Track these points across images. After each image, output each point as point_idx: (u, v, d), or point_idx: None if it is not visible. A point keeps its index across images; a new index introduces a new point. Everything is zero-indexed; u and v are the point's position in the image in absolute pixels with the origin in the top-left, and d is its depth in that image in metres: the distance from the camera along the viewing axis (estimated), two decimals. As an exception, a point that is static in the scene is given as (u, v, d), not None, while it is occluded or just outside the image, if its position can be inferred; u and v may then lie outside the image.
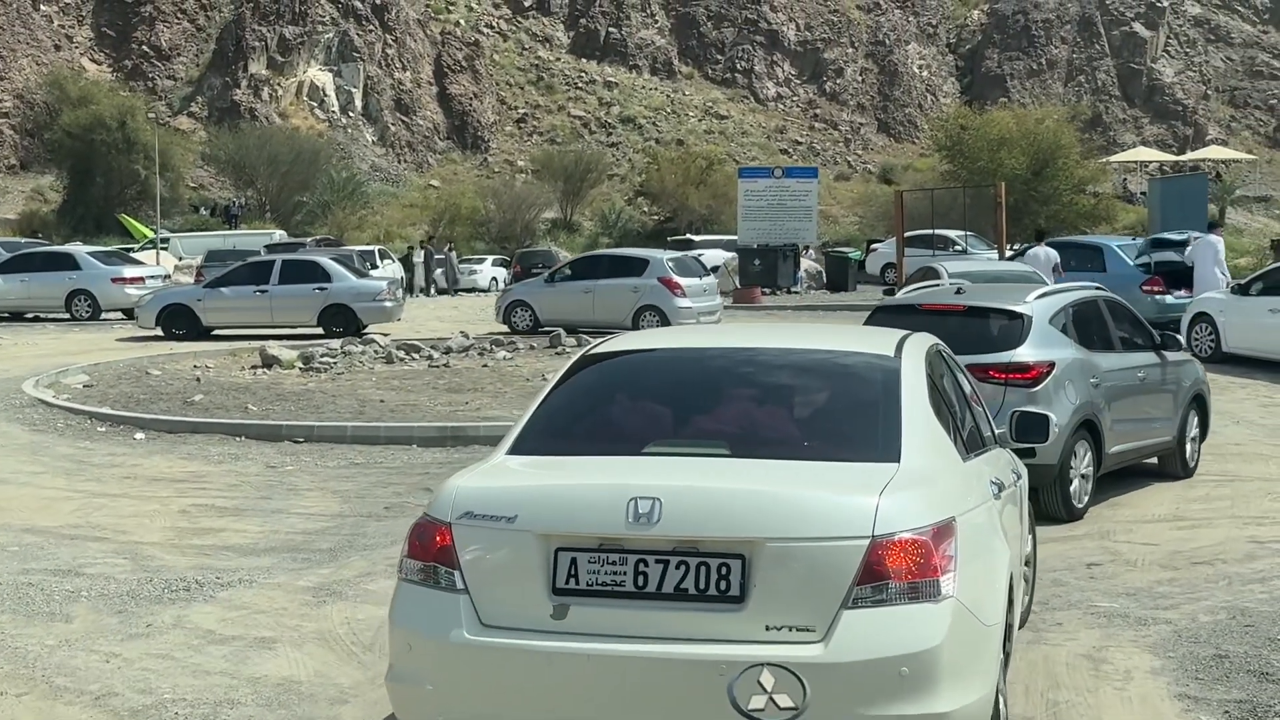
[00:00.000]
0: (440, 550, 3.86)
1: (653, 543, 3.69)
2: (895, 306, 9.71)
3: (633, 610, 3.68)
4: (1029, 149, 36.31)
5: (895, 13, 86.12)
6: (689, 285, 21.01)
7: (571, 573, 3.74)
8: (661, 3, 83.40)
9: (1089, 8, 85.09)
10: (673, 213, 57.98)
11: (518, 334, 20.67)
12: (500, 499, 3.89)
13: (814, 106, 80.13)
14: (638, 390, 4.66)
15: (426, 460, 10.58)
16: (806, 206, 30.18)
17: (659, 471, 3.97)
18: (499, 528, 3.80)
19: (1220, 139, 78.47)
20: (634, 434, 4.35)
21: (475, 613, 3.79)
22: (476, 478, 4.13)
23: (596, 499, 3.81)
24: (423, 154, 69.33)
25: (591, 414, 4.60)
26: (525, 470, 4.19)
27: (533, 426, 4.45)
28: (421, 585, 3.90)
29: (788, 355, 4.75)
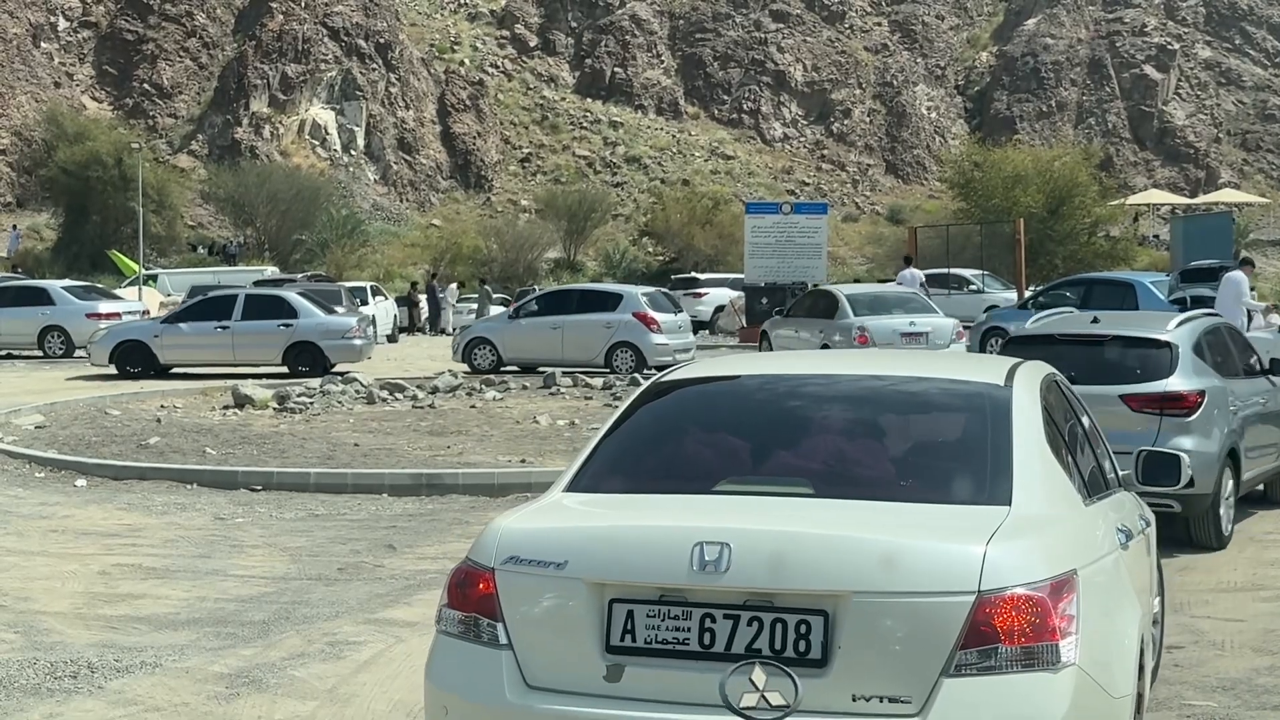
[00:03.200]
0: (482, 599, 3.41)
1: (721, 595, 3.21)
2: (1030, 337, 9.17)
3: (697, 673, 3.18)
4: (1044, 187, 35.29)
5: (903, 54, 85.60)
6: (664, 321, 19.87)
7: (627, 628, 3.27)
8: (667, 43, 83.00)
9: (1099, 50, 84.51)
10: (678, 253, 57.33)
11: (479, 373, 19.42)
12: (549, 542, 3.41)
13: (821, 147, 79.44)
14: (712, 421, 4.14)
15: (395, 512, 9.40)
16: (816, 244, 29.04)
17: (730, 513, 3.49)
18: (547, 574, 3.34)
19: (1233, 182, 77.70)
20: (705, 470, 3.85)
21: (519, 672, 3.34)
22: (524, 518, 3.64)
23: (657, 543, 3.33)
24: (425, 193, 68.56)
25: (659, 448, 4.08)
26: (580, 510, 3.70)
27: (594, 461, 3.91)
28: (461, 639, 3.45)
29: (882, 384, 4.21)
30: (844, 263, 56.35)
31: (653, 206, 62.68)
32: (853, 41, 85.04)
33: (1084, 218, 36.24)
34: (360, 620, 6.36)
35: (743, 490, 3.68)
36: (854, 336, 18.37)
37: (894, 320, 19.00)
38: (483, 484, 10.20)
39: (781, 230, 29.00)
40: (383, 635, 6.10)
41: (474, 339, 20.68)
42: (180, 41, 69.17)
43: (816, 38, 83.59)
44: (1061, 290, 20.50)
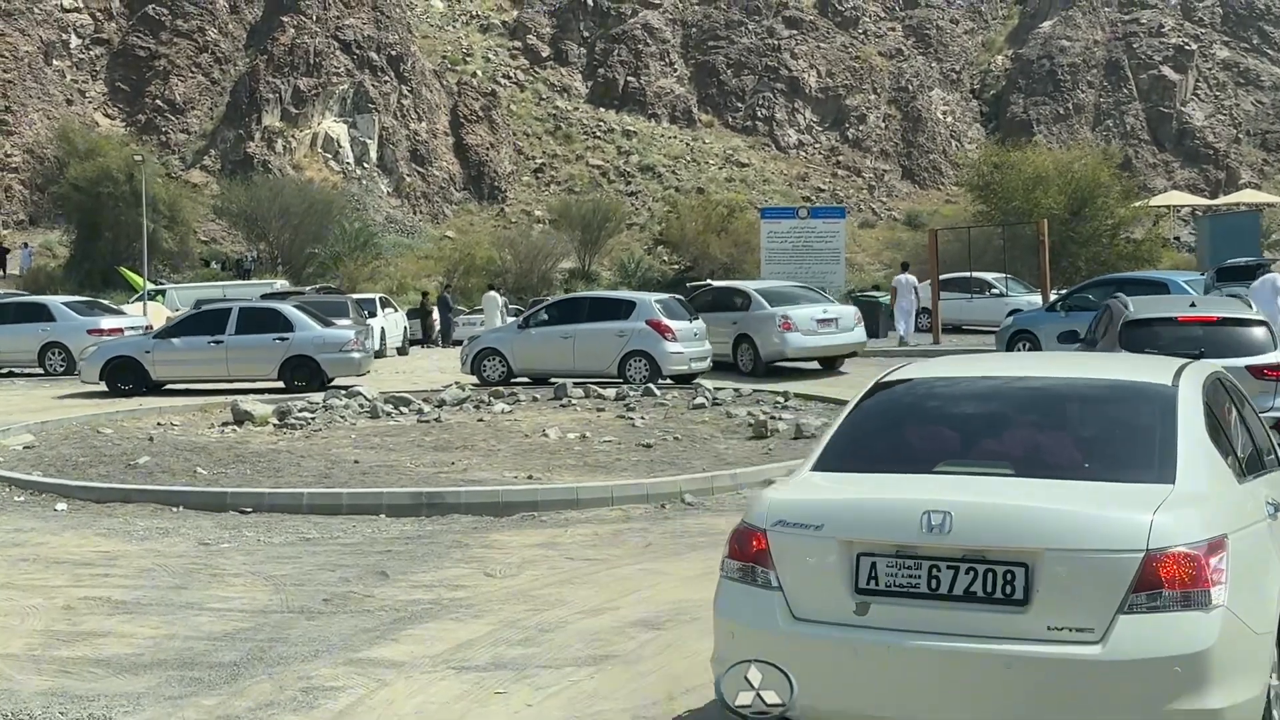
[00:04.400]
0: (758, 553, 4.34)
1: (944, 551, 4.09)
2: (1149, 320, 10.49)
3: (926, 609, 4.09)
4: (1065, 188, 34.52)
5: (918, 59, 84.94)
6: (679, 329, 19.11)
7: (871, 575, 4.17)
8: (680, 51, 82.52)
9: (1115, 51, 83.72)
10: (693, 261, 56.69)
11: (488, 385, 18.65)
12: (808, 510, 4.34)
13: (836, 153, 78.80)
14: (927, 414, 4.97)
15: (392, 534, 8.80)
16: (834, 248, 28.42)
17: (949, 488, 4.32)
18: (808, 535, 4.25)
19: (1254, 183, 76.74)
20: (925, 454, 4.70)
21: (788, 607, 4.25)
22: (788, 491, 4.56)
23: (894, 511, 4.23)
24: (438, 205, 68.16)
25: (885, 435, 4.91)
26: (828, 484, 4.58)
27: (833, 446, 4.77)
28: (740, 582, 4.38)
29: (1070, 384, 5.09)
30: (861, 269, 55.67)
31: (667, 215, 62.02)
32: (867, 47, 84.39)
33: (1106, 219, 35.46)
34: (341, 661, 5.76)
35: (958, 471, 4.49)
36: (779, 324, 19.90)
37: (809, 309, 20.71)
38: (486, 503, 9.60)
39: (799, 235, 28.38)
40: (364, 678, 5.50)
41: (482, 350, 19.97)
42: (192, 57, 68.95)
43: (830, 44, 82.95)
44: (1087, 292, 19.82)
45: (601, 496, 9.78)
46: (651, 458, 11.73)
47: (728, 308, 21.12)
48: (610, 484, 10.09)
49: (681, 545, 8.32)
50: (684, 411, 14.89)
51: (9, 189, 60.30)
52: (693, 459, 11.60)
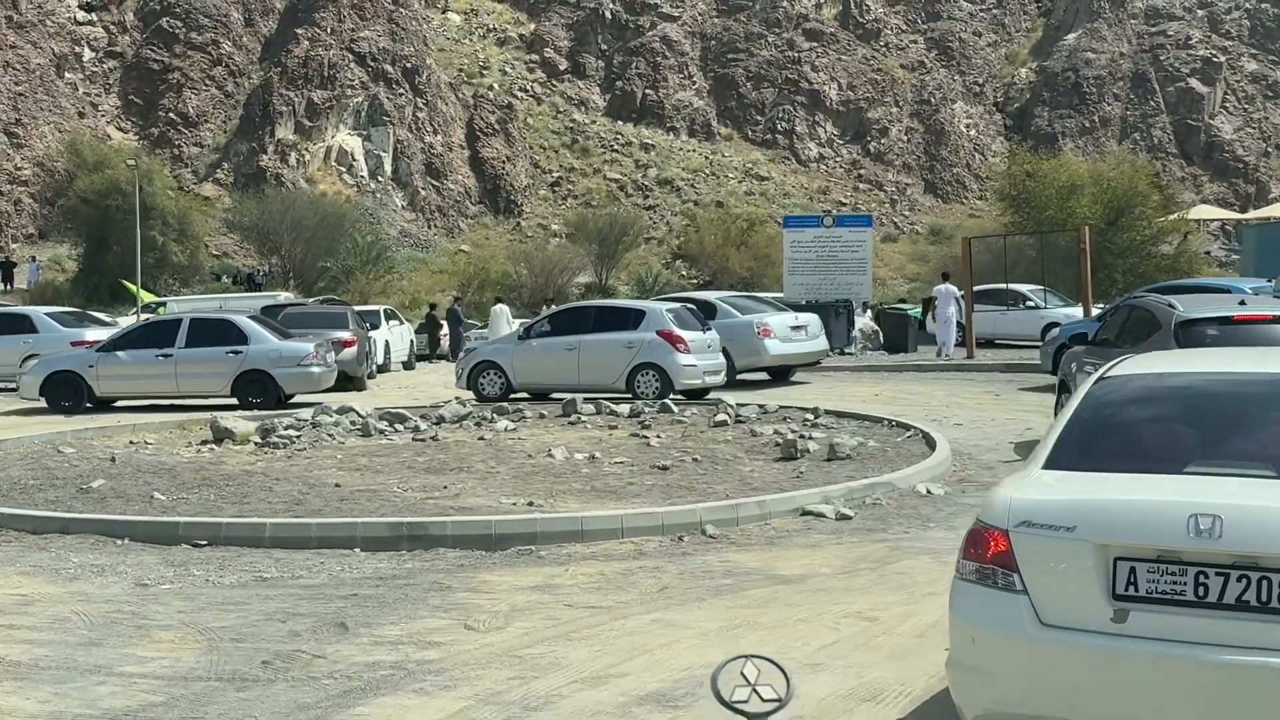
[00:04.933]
0: (998, 555, 4.12)
1: (1212, 556, 3.86)
2: (1207, 319, 10.29)
3: (1192, 618, 3.85)
4: (1101, 197, 33.17)
5: (940, 71, 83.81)
6: (692, 340, 17.92)
7: (1130, 580, 3.94)
8: (699, 64, 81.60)
9: (1142, 64, 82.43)
10: (713, 275, 55.87)
11: (487, 401, 17.35)
12: (1058, 510, 4.11)
13: (858, 167, 77.69)
14: (1164, 412, 4.76)
15: (363, 573, 7.52)
16: (860, 258, 27.08)
17: (1212, 490, 4.06)
18: (1058, 536, 4.03)
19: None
20: (1171, 454, 4.44)
21: (1035, 611, 4.02)
22: (1030, 490, 4.31)
23: (1156, 514, 3.98)
24: (454, 218, 67.25)
25: (1121, 434, 4.68)
26: (1074, 484, 4.32)
27: (1063, 444, 4.59)
28: (978, 584, 4.17)
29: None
30: (884, 284, 54.68)
31: (685, 229, 61.06)
32: (889, 59, 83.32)
33: (1144, 229, 34.08)
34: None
35: (1212, 472, 4.18)
36: (758, 331, 19.81)
37: (784, 316, 20.93)
38: (477, 535, 8.32)
39: (823, 245, 27.09)
40: (286, 782, 4.20)
41: (480, 363, 18.61)
42: (206, 70, 68.25)
43: (851, 56, 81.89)
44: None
45: (610, 527, 8.49)
46: (668, 482, 10.43)
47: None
48: (620, 512, 8.79)
49: (702, 588, 7.02)
50: (704, 430, 13.59)
51: (19, 203, 59.56)
52: (714, 483, 10.30)
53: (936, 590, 6.70)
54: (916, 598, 6.76)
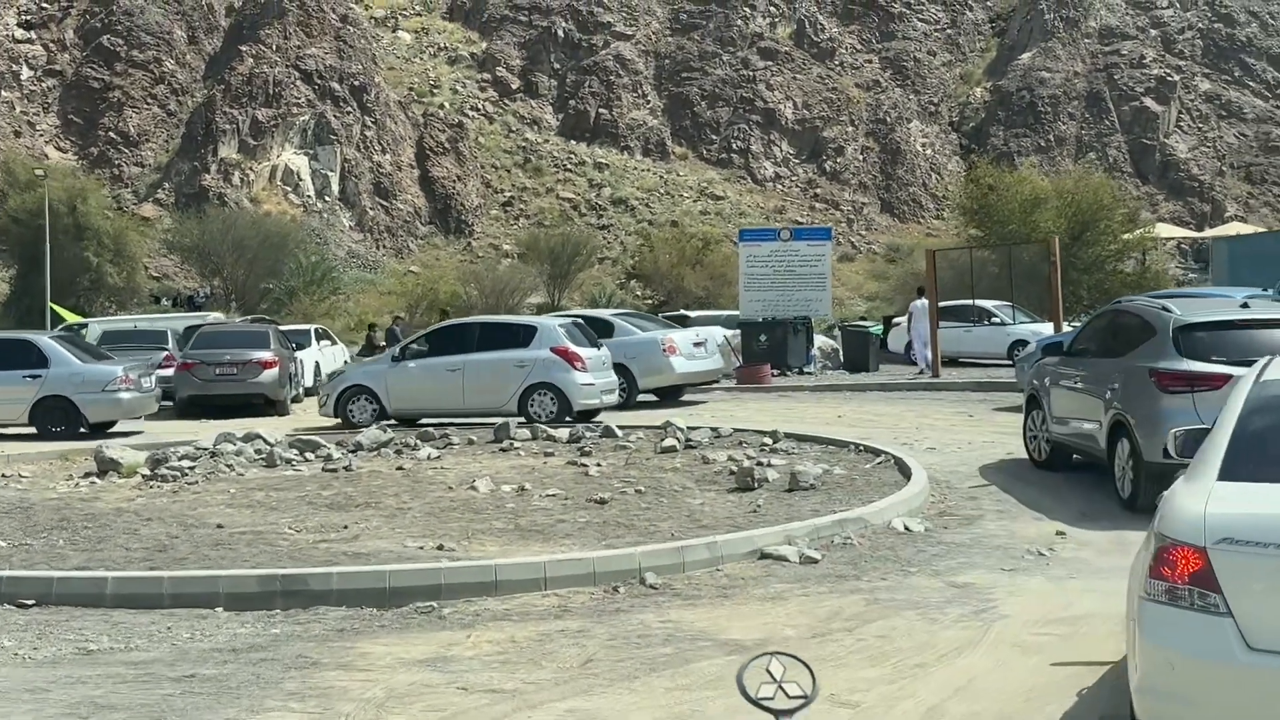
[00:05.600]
0: (1196, 575, 3.88)
1: None
2: (1209, 323, 9.82)
3: None
4: (1065, 211, 32.15)
5: (895, 90, 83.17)
6: (588, 357, 16.85)
7: None
8: (653, 83, 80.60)
9: (1097, 83, 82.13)
10: (668, 295, 54.79)
11: (355, 428, 15.81)
12: (1264, 526, 3.86)
13: (814, 186, 76.79)
14: None
15: (216, 642, 6.04)
16: (819, 273, 25.76)
17: None
18: (1267, 554, 3.79)
19: (1239, 216, 75.29)
20: None
21: (1241, 635, 3.79)
22: (1225, 504, 4.04)
23: None
24: (403, 239, 65.65)
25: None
26: (1272, 497, 4.05)
27: (1235, 454, 4.33)
28: (1170, 605, 3.93)
29: None
30: (842, 303, 53.70)
31: (640, 248, 59.94)
32: (844, 78, 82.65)
33: (1109, 244, 33.06)
34: None
35: None
36: (663, 348, 19.14)
37: (686, 333, 20.52)
38: (367, 589, 6.87)
39: (780, 259, 25.78)
40: None
41: (349, 388, 16.96)
42: (148, 88, 66.40)
43: (806, 75, 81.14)
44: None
45: (530, 577, 7.07)
46: (605, 518, 9.02)
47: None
48: (543, 559, 7.36)
49: (635, 661, 5.60)
50: (650, 456, 12.18)
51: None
52: (658, 520, 8.89)
53: (927, 660, 5.32)
54: (904, 672, 5.37)
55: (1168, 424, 8.76)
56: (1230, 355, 9.20)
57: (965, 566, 7.67)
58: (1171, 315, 9.86)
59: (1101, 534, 8.67)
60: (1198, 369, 9.20)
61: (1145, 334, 10.00)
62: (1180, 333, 9.57)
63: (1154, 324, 9.97)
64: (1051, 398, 11.30)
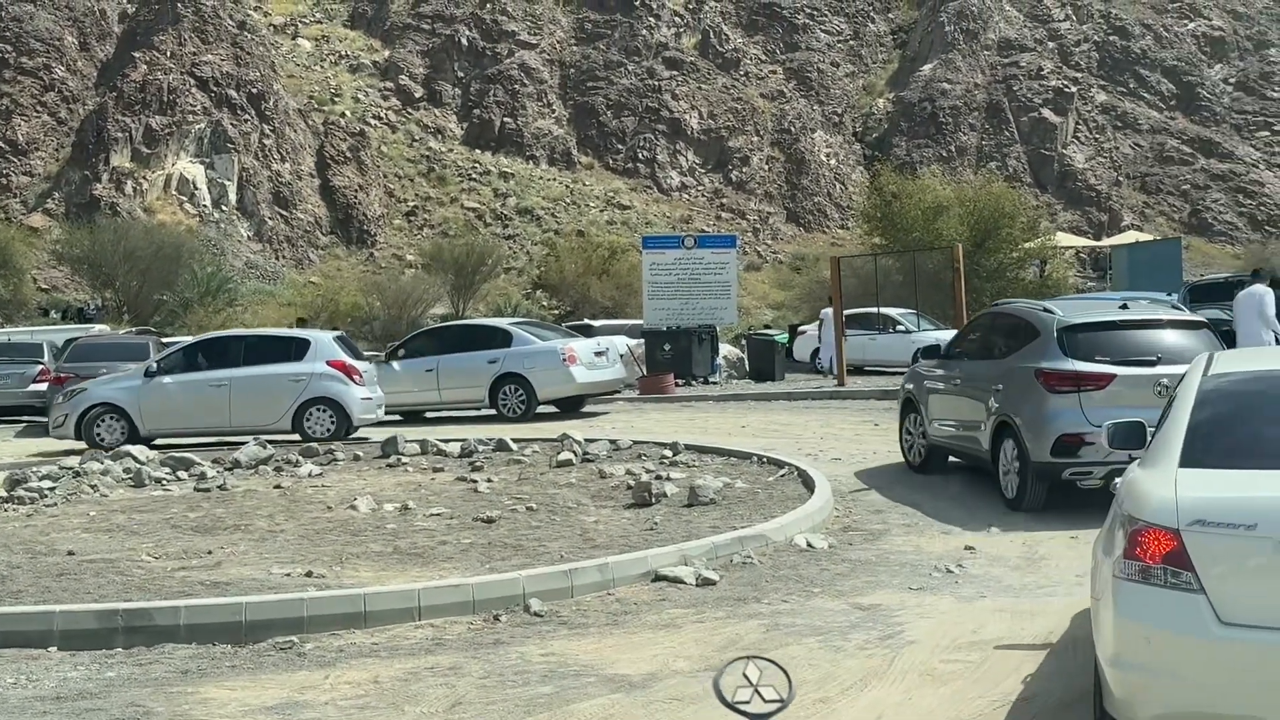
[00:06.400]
0: (1169, 555, 4.08)
1: None
2: (1092, 324, 9.82)
3: None
4: (968, 218, 32.18)
5: (800, 101, 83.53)
6: (365, 370, 16.50)
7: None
8: (558, 92, 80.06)
9: (996, 94, 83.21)
10: (574, 305, 54.47)
11: (101, 448, 14.60)
12: (1235, 508, 4.08)
13: (720, 195, 76.76)
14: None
15: (41, 689, 5.38)
16: (724, 281, 25.38)
17: None
18: (1238, 535, 4.01)
19: (1136, 225, 76.75)
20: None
21: (1214, 610, 3.98)
22: (1195, 489, 4.22)
23: None
24: (303, 249, 64.25)
25: (1259, 430, 4.65)
26: (1236, 481, 4.29)
27: (1194, 442, 4.52)
28: (1146, 584, 4.11)
29: None
30: (749, 312, 53.64)
31: (546, 258, 59.46)
32: (749, 89, 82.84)
33: (1011, 251, 33.19)
34: None
35: None
36: (563, 357, 18.49)
37: (587, 341, 19.90)
38: (221, 623, 6.23)
39: (684, 267, 25.36)
40: None
41: (94, 406, 15.73)
42: (37, 96, 64.27)
43: (711, 85, 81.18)
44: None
45: (402, 607, 6.49)
46: (490, 539, 8.45)
47: (482, 345, 19.02)
48: (417, 587, 6.77)
49: (510, 703, 5.05)
50: (545, 471, 11.62)
51: None
52: (548, 540, 8.34)
53: (831, 694, 4.84)
54: (805, 708, 4.88)
55: (1055, 424, 9.18)
56: (1113, 355, 9.34)
57: (871, 586, 7.24)
58: (1054, 316, 9.89)
59: (1012, 547, 8.30)
60: (1083, 369, 9.26)
61: (1028, 335, 9.96)
62: (1064, 333, 9.61)
63: (1037, 325, 9.92)
64: (929, 401, 11.26)
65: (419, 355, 19.80)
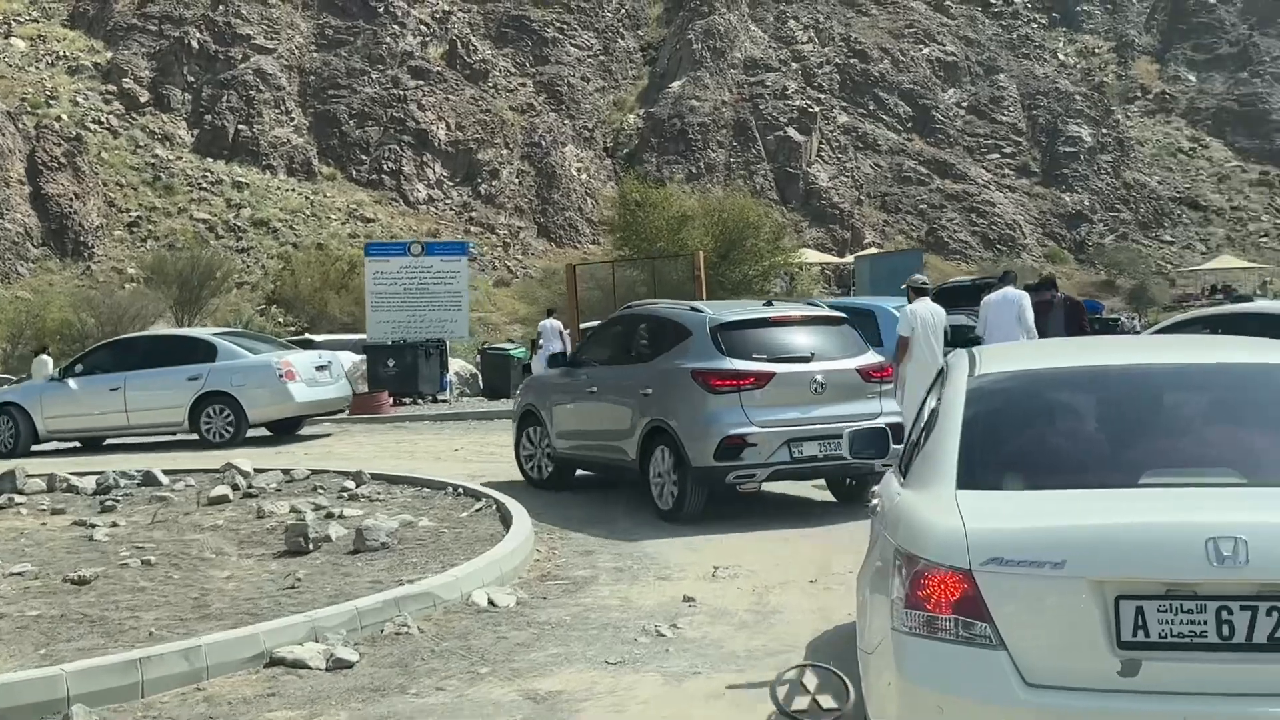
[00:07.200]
0: (962, 601, 3.35)
1: (1234, 587, 3.23)
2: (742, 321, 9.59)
3: (1218, 664, 3.22)
4: (713, 229, 31.27)
5: (550, 115, 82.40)
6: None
7: (1139, 623, 3.26)
8: (298, 100, 76.58)
9: (743, 112, 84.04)
10: (311, 320, 51.81)
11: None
12: (1038, 542, 3.34)
13: (469, 209, 74.77)
14: (1081, 413, 4.02)
15: None
16: (454, 291, 23.47)
17: (1225, 506, 3.41)
18: (1043, 574, 3.30)
19: (876, 243, 78.76)
20: (1114, 462, 3.73)
21: (1017, 670, 3.31)
22: (988, 519, 3.43)
23: (1165, 539, 3.29)
24: (11, 262, 59.12)
25: (1045, 440, 3.90)
26: (1035, 507, 3.49)
27: (973, 457, 3.70)
28: (933, 639, 3.38)
29: (1219, 369, 4.18)
30: (498, 329, 52.09)
31: (281, 272, 56.44)
32: (498, 101, 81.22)
33: (756, 263, 32.49)
34: None
35: (1176, 483, 3.56)
36: (279, 373, 16.56)
37: (305, 355, 18.18)
38: None
39: (412, 276, 23.36)
40: None
41: None
42: None
43: (459, 96, 79.16)
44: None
45: None
46: (69, 609, 6.37)
47: (181, 359, 16.89)
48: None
49: None
50: (191, 510, 9.50)
51: None
52: (146, 609, 6.33)
53: None
54: None
55: (717, 426, 8.75)
56: (768, 353, 9.13)
57: (558, 661, 5.53)
58: (705, 315, 9.58)
59: (739, 597, 6.74)
60: (743, 367, 9.00)
61: (678, 335, 9.58)
62: (718, 331, 9.34)
63: (687, 325, 9.56)
64: (556, 412, 10.60)
65: (101, 371, 17.19)
